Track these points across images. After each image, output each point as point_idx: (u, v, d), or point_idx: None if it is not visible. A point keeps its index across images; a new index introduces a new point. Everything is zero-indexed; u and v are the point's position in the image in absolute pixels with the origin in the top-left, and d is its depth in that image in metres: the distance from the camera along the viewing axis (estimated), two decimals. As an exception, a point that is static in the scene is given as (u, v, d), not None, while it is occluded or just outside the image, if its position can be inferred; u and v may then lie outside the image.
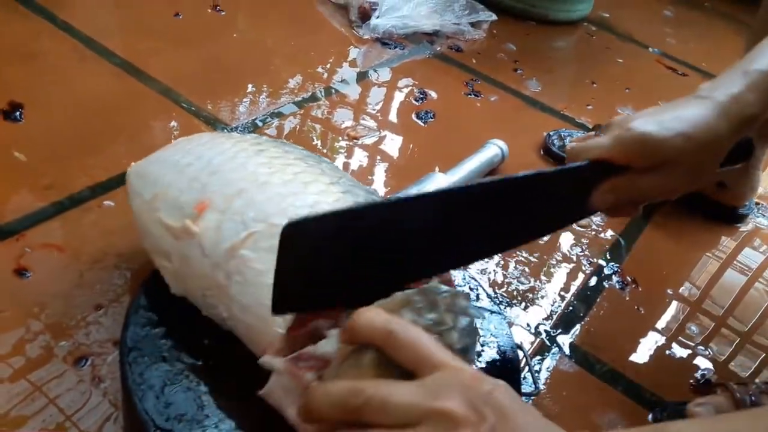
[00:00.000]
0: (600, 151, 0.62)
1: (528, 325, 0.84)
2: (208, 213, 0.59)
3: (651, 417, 0.75)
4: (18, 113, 0.95)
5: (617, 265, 0.96)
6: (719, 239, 1.10)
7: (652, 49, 1.70)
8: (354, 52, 1.34)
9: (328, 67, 1.26)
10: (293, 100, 1.14)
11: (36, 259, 0.76)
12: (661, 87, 1.53)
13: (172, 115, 1.04)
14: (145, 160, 0.70)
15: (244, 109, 1.09)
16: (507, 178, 0.58)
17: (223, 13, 1.35)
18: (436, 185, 0.91)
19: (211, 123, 1.03)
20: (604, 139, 0.62)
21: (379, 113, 1.18)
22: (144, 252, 0.66)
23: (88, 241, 0.79)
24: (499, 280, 0.89)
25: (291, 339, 0.53)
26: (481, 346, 0.69)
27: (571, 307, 0.88)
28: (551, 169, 0.61)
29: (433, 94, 1.26)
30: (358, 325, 0.45)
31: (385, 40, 1.40)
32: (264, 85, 1.16)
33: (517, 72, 1.42)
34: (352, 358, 0.46)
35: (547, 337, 0.83)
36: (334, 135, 1.09)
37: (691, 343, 0.88)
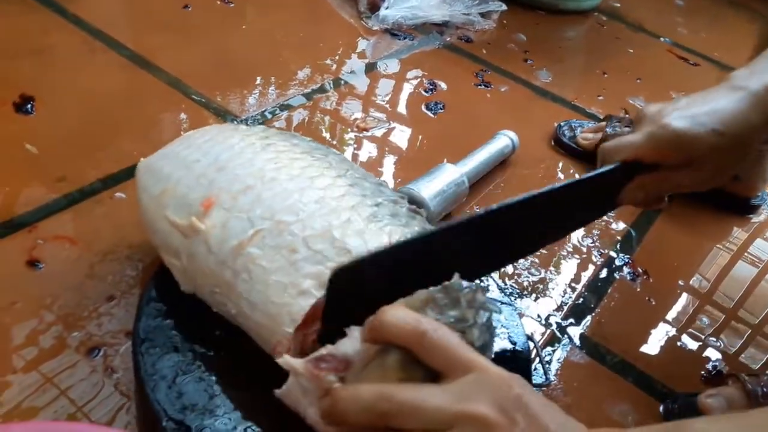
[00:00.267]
0: (634, 150, 0.62)
1: (539, 316, 0.84)
2: (215, 210, 0.59)
3: (662, 408, 0.75)
4: (29, 106, 0.96)
5: (628, 256, 0.96)
6: (731, 230, 1.09)
7: (663, 38, 1.68)
8: (363, 43, 1.34)
9: (337, 58, 1.26)
10: (302, 92, 1.14)
11: (48, 250, 0.76)
12: (672, 77, 1.52)
13: (182, 107, 1.04)
14: (153, 155, 0.70)
15: (253, 101, 1.09)
16: (545, 192, 0.58)
17: (232, 5, 1.35)
18: (446, 176, 0.91)
19: (220, 115, 1.03)
20: (637, 137, 0.62)
21: (389, 104, 1.17)
22: (155, 244, 0.66)
23: (100, 233, 0.80)
24: (510, 271, 0.89)
25: (300, 337, 0.54)
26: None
27: (581, 299, 0.88)
28: (585, 176, 0.61)
29: (443, 85, 1.25)
30: (387, 324, 0.45)
31: (394, 31, 1.39)
32: (273, 76, 1.16)
33: (528, 62, 1.41)
34: (376, 359, 0.45)
35: (558, 328, 0.83)
36: (343, 127, 1.09)
37: (702, 335, 0.87)
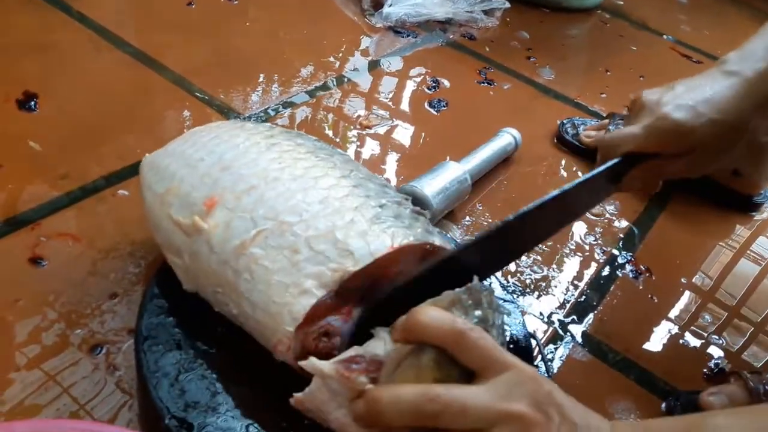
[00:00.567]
0: (635, 143, 0.63)
1: (541, 314, 0.84)
2: (218, 210, 0.59)
3: (664, 406, 0.75)
4: (33, 103, 0.96)
5: (630, 254, 0.96)
6: (734, 228, 1.09)
7: (666, 36, 1.68)
8: (366, 40, 1.34)
9: (340, 56, 1.26)
10: (305, 90, 1.14)
11: (51, 248, 0.76)
12: (675, 74, 1.50)
13: (185, 105, 1.04)
14: (158, 151, 0.70)
15: (256, 99, 1.09)
16: (558, 195, 0.59)
17: (236, 2, 1.35)
18: (449, 174, 0.91)
19: (224, 112, 1.04)
20: (637, 130, 0.63)
21: (392, 102, 1.17)
22: (158, 241, 0.66)
23: (103, 230, 0.80)
24: (512, 269, 0.89)
25: (301, 336, 0.54)
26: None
27: (584, 296, 0.88)
28: (593, 173, 0.63)
29: (446, 83, 1.25)
30: (423, 323, 0.45)
31: (397, 29, 1.39)
32: (276, 74, 1.16)
33: (531, 60, 1.41)
34: (410, 358, 0.45)
35: (560, 325, 0.83)
36: (346, 124, 1.09)
37: (705, 333, 0.87)
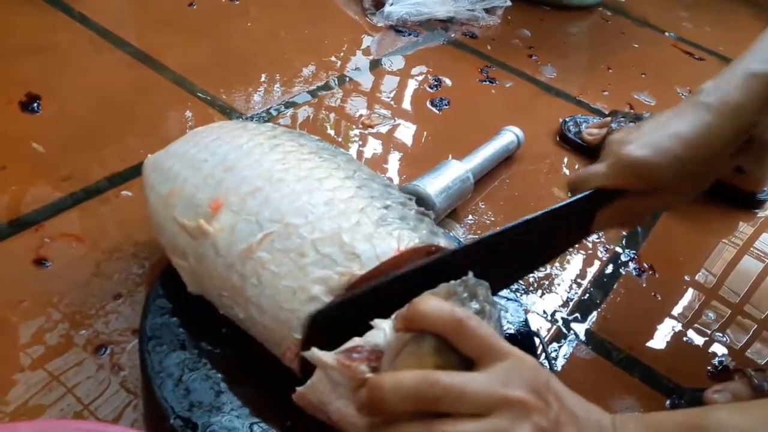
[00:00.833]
0: (599, 181, 0.62)
1: (544, 312, 0.84)
2: (223, 212, 0.59)
3: (668, 404, 0.75)
4: (35, 104, 0.96)
5: (634, 251, 0.96)
6: (737, 225, 1.09)
7: (668, 33, 1.68)
8: (368, 40, 1.34)
9: (341, 55, 1.26)
10: (307, 89, 1.14)
11: (55, 249, 0.77)
12: (677, 71, 1.52)
13: (187, 105, 1.04)
14: (161, 152, 0.70)
15: (258, 99, 1.09)
16: (521, 223, 0.60)
17: (237, 2, 1.35)
18: (451, 173, 0.91)
19: (226, 112, 1.04)
20: (600, 168, 0.63)
21: (393, 101, 1.17)
22: (162, 242, 0.66)
23: (107, 231, 0.80)
24: (515, 267, 0.89)
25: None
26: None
27: (587, 294, 0.88)
28: (561, 204, 0.62)
29: (448, 82, 1.25)
30: (423, 312, 0.45)
31: (398, 28, 1.39)
32: (278, 74, 1.16)
33: (532, 58, 1.41)
34: (410, 346, 0.46)
35: (564, 324, 0.83)
36: (348, 124, 1.09)
37: (708, 330, 0.87)
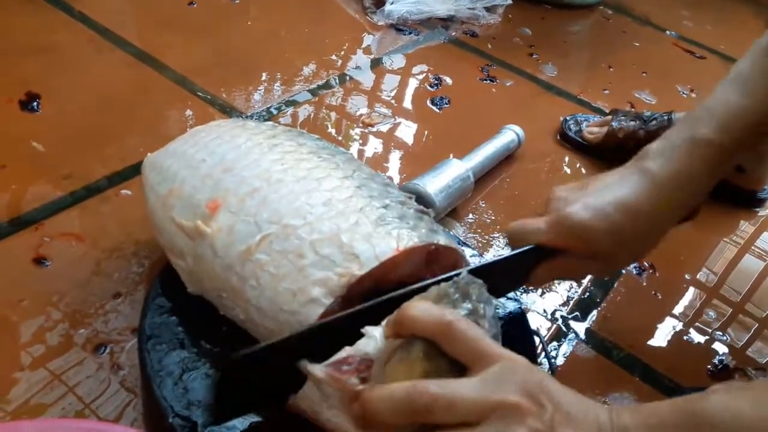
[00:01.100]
0: (538, 237, 0.61)
1: (544, 311, 0.84)
2: (221, 213, 0.59)
3: (668, 403, 0.75)
4: (35, 104, 0.96)
5: (634, 250, 0.96)
6: (738, 224, 1.09)
7: (669, 32, 1.68)
8: (368, 38, 1.34)
9: (342, 54, 1.26)
10: (307, 88, 1.14)
11: (55, 248, 0.77)
12: (678, 70, 1.51)
13: (188, 104, 1.04)
14: (160, 151, 0.70)
15: (258, 98, 1.09)
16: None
17: (237, 1, 1.35)
18: (452, 172, 0.91)
19: (226, 111, 1.04)
20: (541, 223, 0.61)
21: (394, 100, 1.17)
22: (161, 241, 0.66)
23: (106, 230, 0.80)
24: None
25: None
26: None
27: (587, 293, 0.88)
28: (499, 258, 0.62)
29: (448, 80, 1.25)
30: (411, 316, 0.45)
31: (399, 26, 1.39)
32: (278, 73, 1.16)
33: (533, 57, 1.41)
34: (400, 352, 0.45)
35: (564, 323, 0.83)
36: (348, 122, 1.09)
37: (709, 329, 0.87)
